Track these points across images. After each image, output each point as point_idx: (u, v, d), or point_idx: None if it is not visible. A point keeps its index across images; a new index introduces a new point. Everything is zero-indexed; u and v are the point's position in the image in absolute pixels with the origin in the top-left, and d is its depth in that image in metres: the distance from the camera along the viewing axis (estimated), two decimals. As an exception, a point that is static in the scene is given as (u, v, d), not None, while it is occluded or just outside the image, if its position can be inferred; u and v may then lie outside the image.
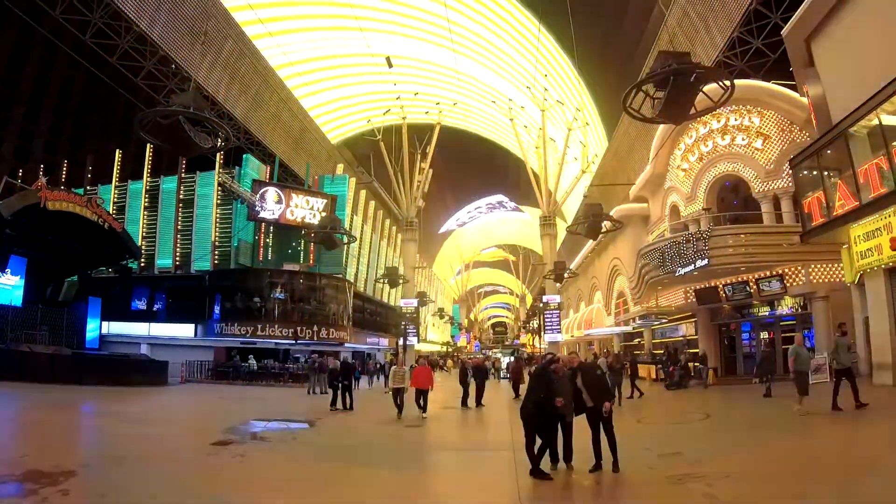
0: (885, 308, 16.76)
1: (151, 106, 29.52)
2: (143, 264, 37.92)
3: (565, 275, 44.08)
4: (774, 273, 24.80)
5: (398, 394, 17.95)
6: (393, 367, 19.60)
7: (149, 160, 39.30)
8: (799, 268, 23.73)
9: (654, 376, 30.18)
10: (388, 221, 63.61)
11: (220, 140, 16.51)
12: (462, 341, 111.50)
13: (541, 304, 54.04)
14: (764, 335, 27.18)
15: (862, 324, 18.84)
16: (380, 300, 59.04)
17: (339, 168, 51.62)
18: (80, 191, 34.55)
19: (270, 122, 42.85)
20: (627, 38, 40.93)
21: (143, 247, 37.00)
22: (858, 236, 17.54)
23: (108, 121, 36.92)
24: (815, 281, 23.15)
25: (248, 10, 33.69)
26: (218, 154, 35.95)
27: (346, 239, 31.56)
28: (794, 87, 24.27)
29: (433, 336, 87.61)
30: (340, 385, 20.33)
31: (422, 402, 17.74)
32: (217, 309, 35.48)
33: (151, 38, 28.98)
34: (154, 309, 35.72)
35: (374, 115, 56.79)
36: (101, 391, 21.99)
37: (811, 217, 19.82)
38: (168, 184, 39.52)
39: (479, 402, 21.67)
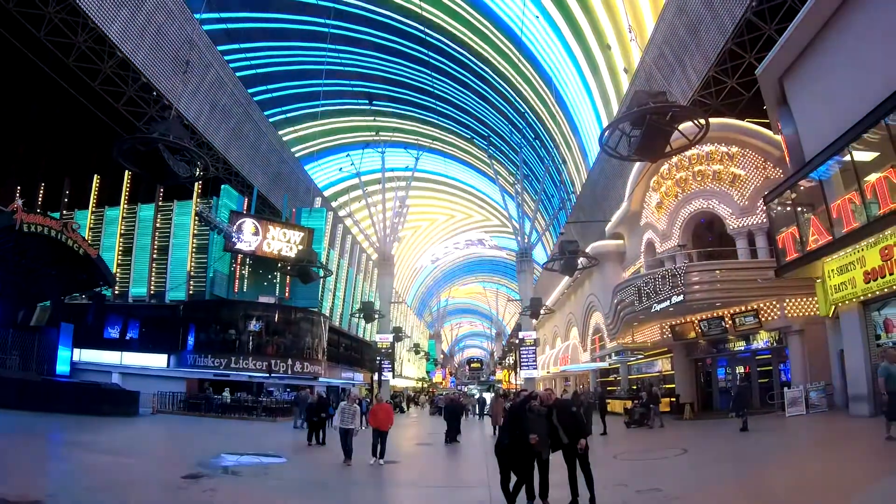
0: (860, 340, 17.00)
1: (132, 132, 29.56)
2: (116, 292, 37.34)
3: (541, 311, 44.21)
4: (750, 308, 25.06)
5: (347, 435, 15.13)
6: (342, 404, 15.89)
7: (126, 187, 38.99)
8: (774, 302, 24.02)
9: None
10: (364, 256, 63.48)
11: (198, 169, 16.49)
12: (437, 377, 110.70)
13: (517, 341, 54.04)
14: (740, 370, 27.37)
15: (837, 356, 19.07)
16: (355, 335, 58.57)
17: (317, 201, 51.61)
18: (57, 215, 34.11)
19: (250, 153, 42.85)
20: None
21: (118, 274, 36.50)
22: (832, 270, 17.86)
23: (87, 145, 36.64)
24: (790, 315, 23.40)
25: (231, 42, 34.02)
26: (196, 183, 35.78)
27: (322, 272, 31.44)
28: (767, 125, 24.90)
29: (409, 371, 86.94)
30: (318, 419, 20.09)
31: (380, 446, 15.08)
32: (191, 340, 34.91)
33: (134, 64, 29.00)
34: (127, 338, 34.99)
35: (353, 150, 57.17)
36: (70, 420, 21.38)
37: (785, 252, 20.22)
38: (145, 211, 39.20)
39: (454, 438, 21.56)
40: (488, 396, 45.40)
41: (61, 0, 24.65)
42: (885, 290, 15.36)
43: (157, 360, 34.18)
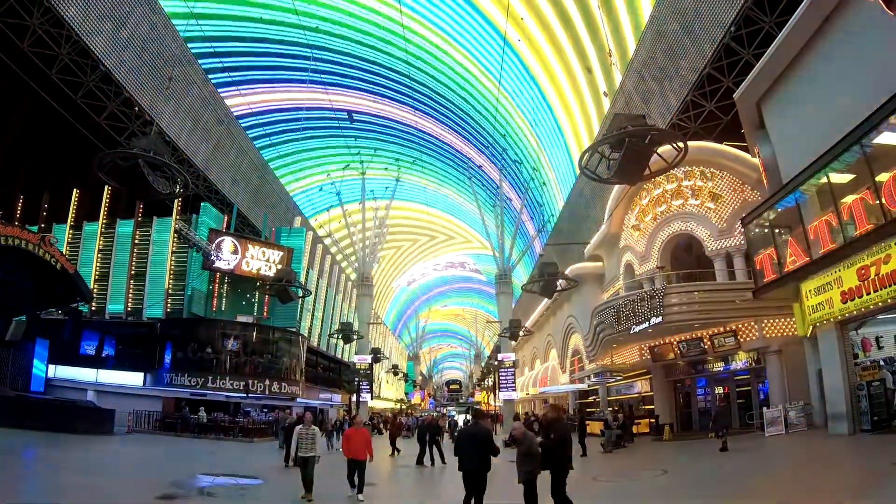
0: (838, 360, 17.20)
1: (112, 147, 29.34)
2: (93, 308, 36.80)
3: (520, 333, 44.20)
4: (728, 329, 25.28)
5: (306, 465, 12.64)
6: (299, 428, 13.18)
7: (106, 202, 38.61)
8: (752, 323, 24.26)
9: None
10: (343, 276, 63.23)
11: (178, 186, 16.39)
12: (416, 398, 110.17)
13: (496, 362, 53.91)
14: (719, 390, 27.53)
15: (815, 376, 19.26)
16: (333, 356, 58.15)
17: (297, 221, 51.46)
18: (35, 228, 33.58)
19: (230, 171, 42.69)
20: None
21: (95, 290, 35.97)
22: (810, 291, 18.10)
23: (67, 159, 36.31)
24: (768, 336, 23.65)
25: (214, 59, 34.01)
26: (175, 200, 35.54)
27: (300, 292, 31.25)
28: (745, 149, 25.29)
29: (387, 393, 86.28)
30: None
31: (357, 478, 12.67)
32: (167, 358, 34.35)
33: (117, 79, 28.86)
34: (103, 355, 34.27)
35: (333, 168, 57.14)
36: (44, 437, 20.94)
37: (763, 273, 20.47)
38: (124, 227, 38.82)
39: (441, 460, 21.27)
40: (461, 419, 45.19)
41: (46, 11, 24.51)
42: (863, 309, 15.59)
43: (134, 378, 33.53)
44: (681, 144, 12.84)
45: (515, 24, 38.27)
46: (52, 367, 30.61)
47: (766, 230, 20.86)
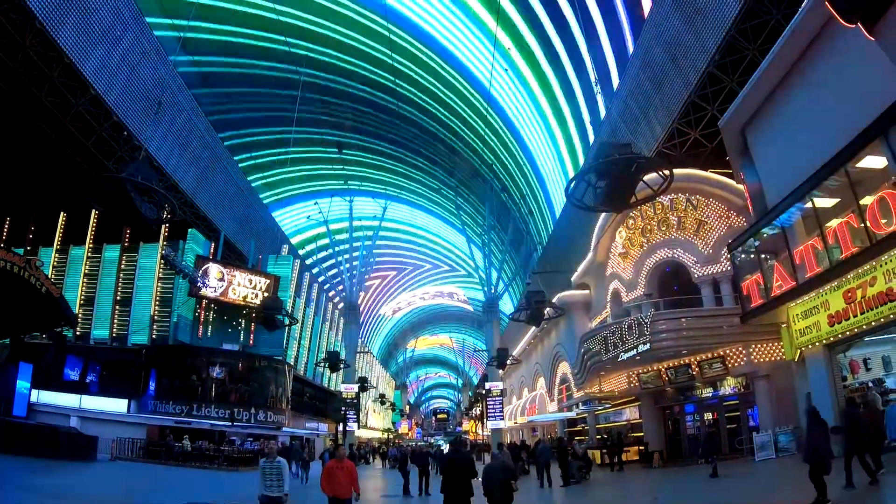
0: (827, 383, 17.24)
1: (100, 171, 29.21)
2: (78, 333, 36.34)
3: (508, 361, 44.06)
4: (716, 355, 25.24)
5: None
6: (262, 462, 10.26)
7: (93, 226, 38.40)
8: (740, 348, 24.26)
9: (598, 461, 29.70)
10: (330, 304, 62.92)
11: (165, 212, 16.35)
12: (403, 427, 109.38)
13: (483, 391, 53.66)
14: (708, 416, 27.43)
15: (804, 399, 19.26)
16: (320, 384, 57.63)
17: (284, 249, 51.32)
18: (21, 251, 33.31)
19: (218, 197, 42.54)
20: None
21: (80, 315, 35.64)
22: (797, 315, 18.19)
23: (54, 182, 36.06)
24: (756, 360, 23.64)
25: (205, 87, 34.19)
26: (162, 226, 35.39)
27: (287, 320, 31.12)
28: (730, 175, 25.51)
29: (374, 422, 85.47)
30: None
31: None
32: (152, 385, 33.98)
33: (106, 103, 28.76)
34: (87, 380, 33.79)
35: (321, 197, 57.22)
36: (25, 463, 20.63)
37: (750, 299, 20.57)
38: (110, 252, 38.58)
39: (426, 490, 21.02)
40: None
41: (38, 34, 24.44)
42: (854, 330, 15.64)
43: (117, 405, 33.12)
44: (666, 172, 12.98)
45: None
46: (35, 391, 30.16)
47: (752, 256, 21.02)
